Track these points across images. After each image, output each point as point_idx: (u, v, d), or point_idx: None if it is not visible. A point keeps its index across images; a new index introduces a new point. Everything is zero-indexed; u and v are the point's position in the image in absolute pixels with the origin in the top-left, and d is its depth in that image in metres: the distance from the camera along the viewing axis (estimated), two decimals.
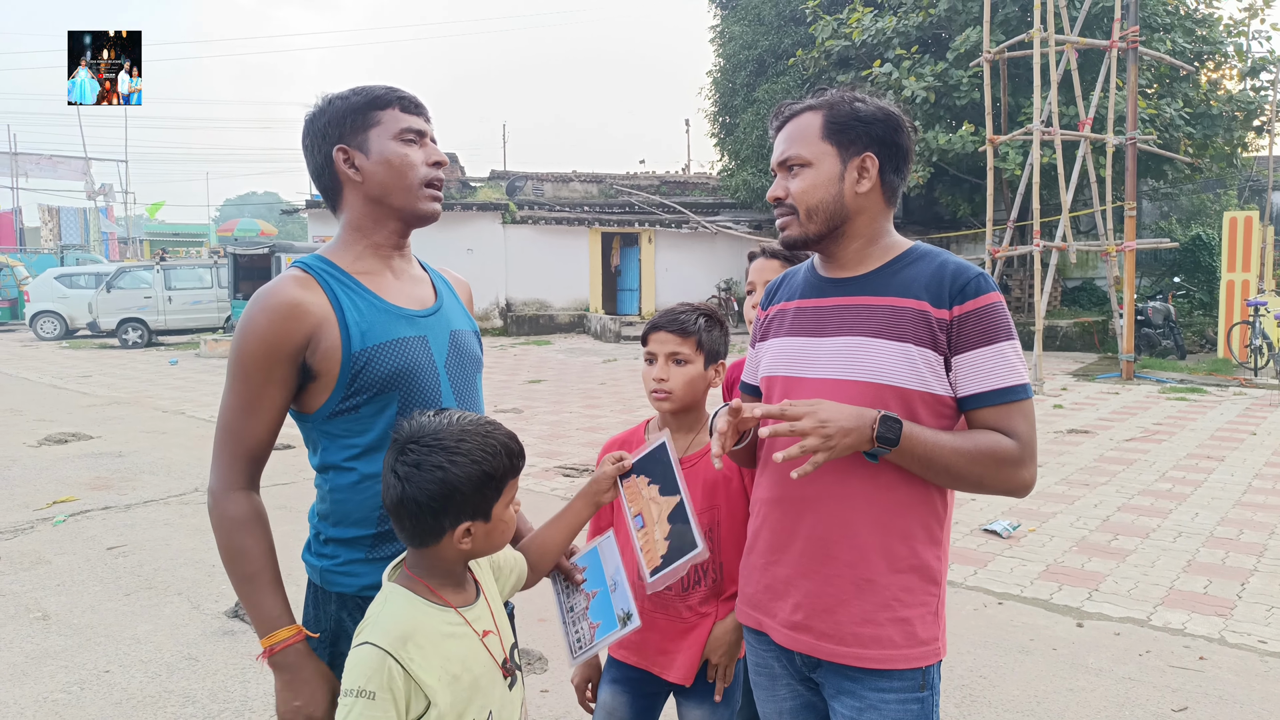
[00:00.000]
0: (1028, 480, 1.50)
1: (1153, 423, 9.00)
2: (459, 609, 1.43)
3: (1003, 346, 1.49)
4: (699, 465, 1.93)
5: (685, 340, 1.93)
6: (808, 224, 1.58)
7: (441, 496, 1.35)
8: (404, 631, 1.35)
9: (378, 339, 1.54)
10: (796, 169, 1.58)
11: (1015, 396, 1.48)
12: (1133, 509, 5.81)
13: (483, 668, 1.44)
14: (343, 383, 1.52)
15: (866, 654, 1.52)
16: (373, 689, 1.30)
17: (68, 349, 18.96)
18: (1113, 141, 13.05)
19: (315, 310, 1.51)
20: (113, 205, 40.34)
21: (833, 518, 1.54)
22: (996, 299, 1.51)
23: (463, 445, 1.37)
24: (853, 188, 1.56)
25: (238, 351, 1.51)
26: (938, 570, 1.56)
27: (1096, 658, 3.62)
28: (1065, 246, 12.78)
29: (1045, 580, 4.52)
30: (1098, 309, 18.26)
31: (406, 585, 1.42)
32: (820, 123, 1.57)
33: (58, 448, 8.13)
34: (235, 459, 1.53)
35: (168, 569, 4.77)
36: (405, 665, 1.32)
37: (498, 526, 1.43)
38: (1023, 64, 14.52)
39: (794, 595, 1.58)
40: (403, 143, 1.59)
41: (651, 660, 1.97)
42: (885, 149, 1.57)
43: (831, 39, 17.12)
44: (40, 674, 3.53)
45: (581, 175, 25.03)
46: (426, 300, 1.68)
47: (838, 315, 1.58)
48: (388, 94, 1.61)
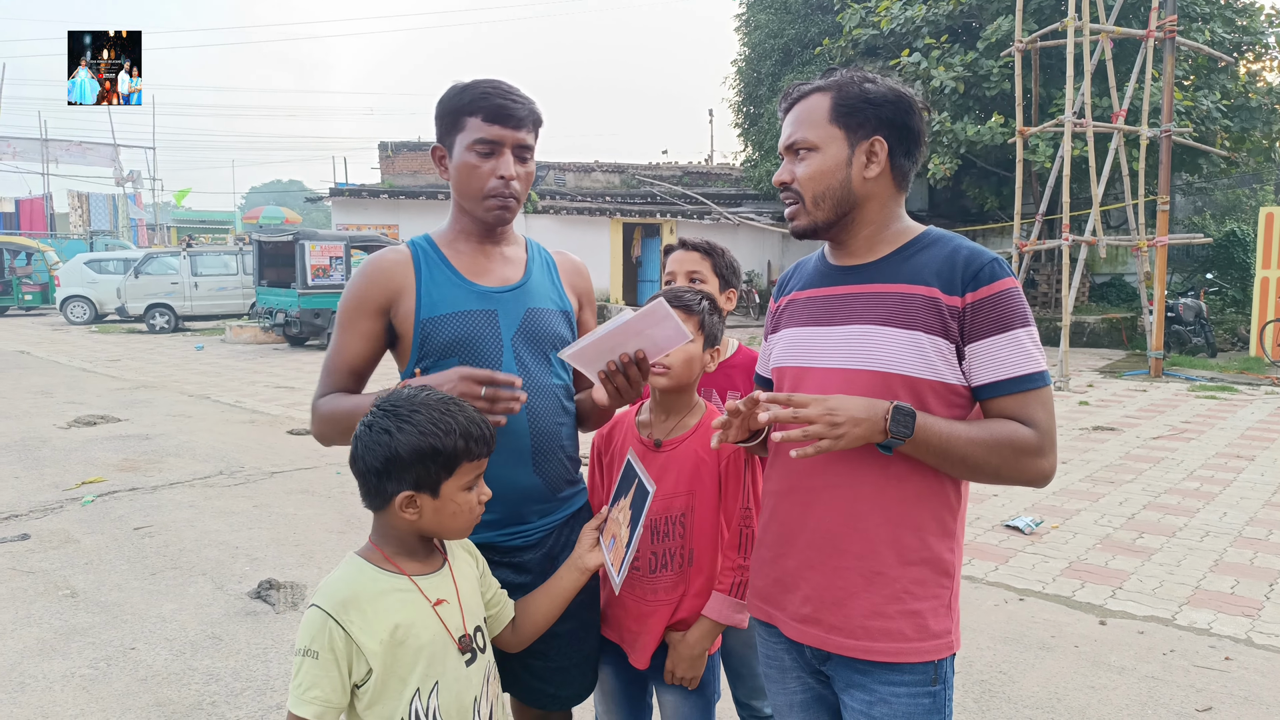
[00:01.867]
0: (1047, 470, 1.46)
1: (1181, 420, 8.88)
2: (413, 576, 1.47)
3: (1018, 333, 1.44)
4: (681, 449, 1.93)
5: (689, 318, 1.94)
6: (815, 211, 1.54)
7: (384, 459, 1.40)
8: (346, 596, 1.41)
9: (444, 310, 1.74)
10: (803, 153, 1.54)
11: (1032, 385, 1.44)
12: (1159, 507, 5.73)
13: (431, 635, 1.45)
14: (415, 345, 1.75)
15: (876, 647, 1.50)
16: (316, 649, 1.37)
17: (97, 333, 19.23)
18: (1147, 134, 12.81)
19: (399, 278, 1.76)
20: (141, 192, 40.77)
21: (841, 509, 1.51)
22: (1011, 285, 1.46)
23: (415, 416, 1.41)
24: (861, 173, 1.52)
25: (340, 305, 1.81)
26: (950, 562, 1.53)
27: (1119, 656, 3.58)
28: (1095, 241, 12.58)
29: (1068, 577, 4.48)
30: (1126, 305, 18.00)
31: (363, 553, 1.49)
32: (828, 105, 1.52)
33: (87, 429, 8.26)
34: (325, 387, 1.80)
35: (193, 549, 4.83)
36: (345, 628, 1.38)
37: (448, 506, 1.44)
38: (1055, 54, 14.31)
39: (803, 588, 1.56)
40: (476, 154, 1.72)
41: (623, 637, 1.99)
42: (895, 132, 1.52)
43: (859, 28, 16.95)
44: (68, 650, 3.59)
45: (604, 165, 25.01)
46: (511, 279, 1.82)
47: (846, 304, 1.55)
48: (474, 102, 1.72)
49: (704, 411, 1.99)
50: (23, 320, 23.04)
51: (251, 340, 17.18)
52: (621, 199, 23.45)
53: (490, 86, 1.73)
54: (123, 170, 39.41)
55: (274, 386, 11.29)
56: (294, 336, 16.21)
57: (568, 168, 24.44)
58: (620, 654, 2.01)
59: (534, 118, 1.77)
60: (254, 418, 9.08)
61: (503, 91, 1.73)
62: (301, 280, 15.48)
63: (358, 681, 1.40)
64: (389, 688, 1.41)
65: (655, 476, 1.93)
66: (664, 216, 22.40)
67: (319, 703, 1.37)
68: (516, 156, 1.75)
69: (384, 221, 21.36)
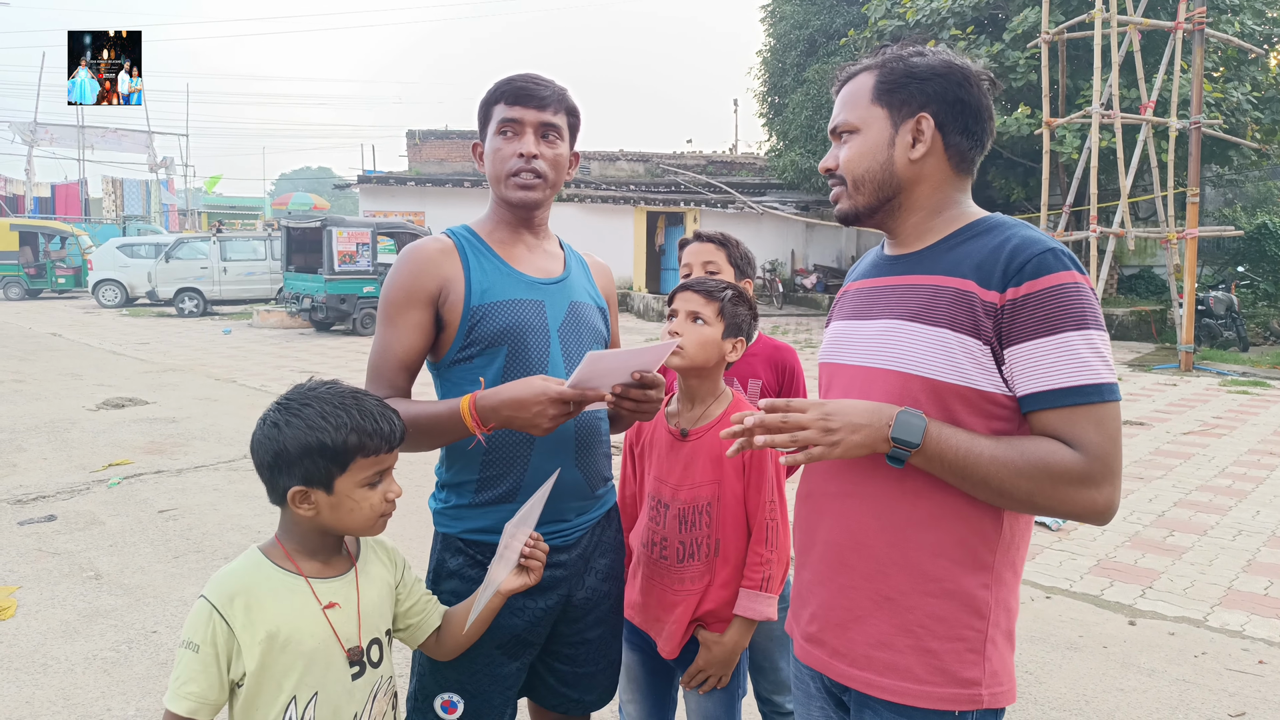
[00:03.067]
0: (1101, 504, 1.23)
1: (1212, 416, 8.71)
2: (309, 577, 1.42)
3: (1070, 336, 1.23)
4: (707, 438, 1.91)
5: (709, 302, 1.91)
6: (855, 195, 1.43)
7: (273, 454, 1.38)
8: (235, 589, 1.36)
9: (495, 297, 1.71)
10: (845, 136, 1.44)
11: (1083, 398, 1.22)
12: (1190, 504, 5.62)
13: (317, 642, 1.38)
14: (461, 333, 1.70)
15: (880, 682, 1.34)
16: (198, 642, 1.33)
17: (127, 316, 19.47)
18: (1176, 125, 12.58)
19: (447, 266, 1.72)
20: (173, 178, 41.24)
21: (848, 521, 1.39)
22: (1067, 279, 1.25)
23: (305, 410, 1.37)
24: (905, 153, 1.38)
25: (382, 299, 1.73)
26: (985, 601, 1.32)
27: (1149, 658, 3.51)
28: (1123, 233, 12.40)
29: (1096, 575, 4.40)
30: (1155, 298, 17.73)
31: (265, 547, 1.45)
32: (871, 83, 1.41)
33: (115, 412, 8.35)
34: (380, 388, 1.71)
35: (215, 533, 4.86)
36: (229, 622, 1.33)
37: (344, 502, 1.38)
38: (1082, 45, 14.08)
39: (811, 604, 1.45)
40: (499, 136, 1.73)
41: (648, 625, 1.98)
42: (946, 107, 1.37)
43: (885, 19, 16.77)
44: (91, 632, 3.62)
45: (628, 154, 24.93)
46: (553, 272, 1.82)
47: (883, 296, 1.43)
48: (499, 88, 1.74)
49: (730, 400, 1.97)
50: (56, 303, 23.38)
51: (278, 325, 17.33)
52: (646, 188, 23.38)
53: (516, 74, 1.76)
54: (156, 156, 39.90)
55: (299, 371, 11.36)
56: (320, 321, 16.34)
57: (593, 156, 24.39)
58: (647, 643, 2.00)
59: (559, 99, 1.75)
60: None
61: (526, 77, 1.75)
62: (328, 266, 15.59)
63: (236, 680, 1.35)
64: (264, 691, 1.35)
65: (682, 466, 1.91)
66: (688, 205, 22.30)
67: (194, 699, 1.31)
68: (541, 136, 1.73)
69: (411, 209, 21.46)
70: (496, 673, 1.71)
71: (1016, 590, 1.39)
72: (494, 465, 1.71)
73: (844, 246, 23.51)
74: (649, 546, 1.97)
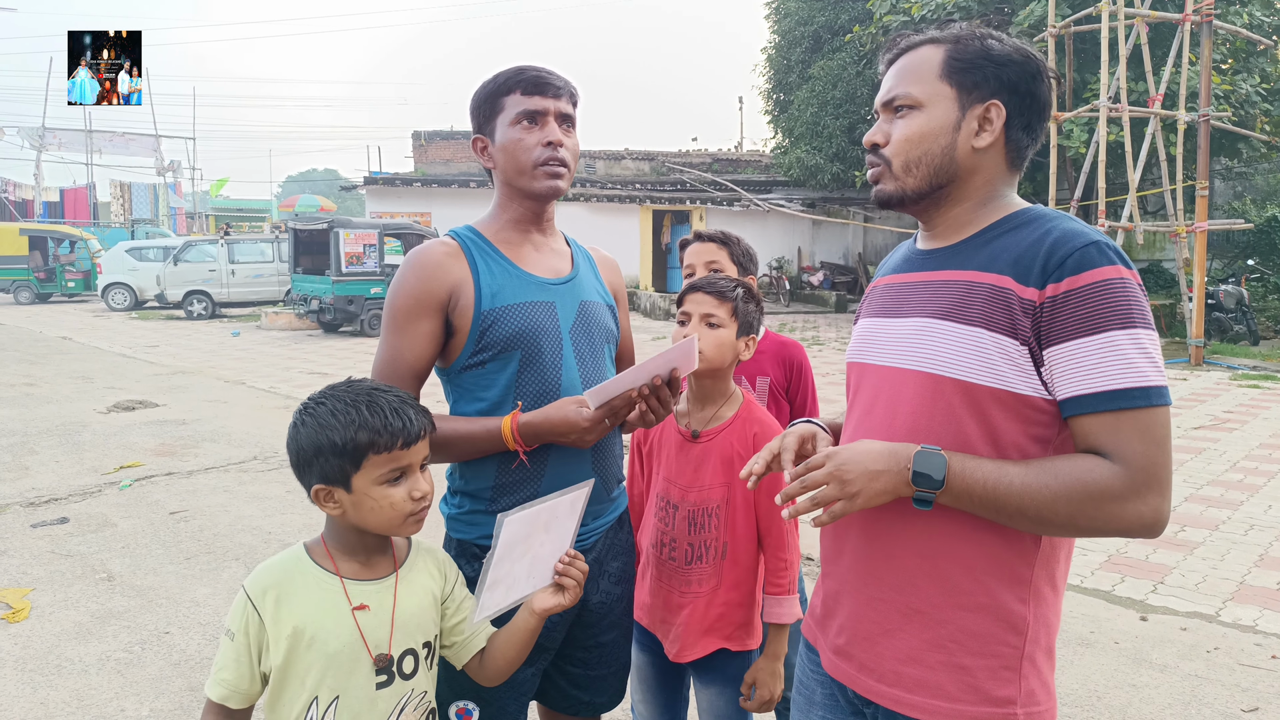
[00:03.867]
0: (1148, 517, 1.14)
1: (1223, 410, 8.67)
2: (345, 577, 1.41)
3: (1115, 335, 1.14)
4: (718, 440, 1.90)
5: (722, 303, 1.91)
6: (905, 177, 1.31)
7: (294, 453, 1.39)
8: (270, 582, 1.38)
9: (506, 301, 1.67)
10: (904, 110, 1.32)
11: (1129, 403, 1.13)
12: (1201, 499, 5.60)
13: (342, 644, 1.36)
14: (472, 338, 1.66)
15: (909, 699, 1.28)
16: (235, 630, 1.36)
17: (137, 319, 19.56)
18: (1184, 119, 12.51)
19: (456, 271, 1.67)
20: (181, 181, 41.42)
21: (877, 532, 1.32)
22: (1113, 274, 1.16)
23: (319, 408, 1.37)
24: (969, 140, 1.29)
25: (389, 306, 1.68)
26: (1021, 616, 1.24)
27: (1161, 653, 3.50)
28: (1132, 227, 12.33)
29: (1107, 570, 4.38)
30: (1165, 292, 17.62)
31: (309, 542, 1.46)
32: (941, 58, 1.30)
33: (125, 414, 8.39)
34: None
35: (226, 534, 4.88)
36: (261, 614, 1.35)
37: (364, 501, 1.37)
38: (1089, 39, 14.01)
39: (840, 615, 1.39)
40: (520, 127, 1.68)
41: (655, 626, 1.98)
42: (1017, 99, 1.29)
43: (889, 14, 16.71)
44: (104, 633, 3.64)
45: (634, 153, 24.91)
46: (562, 271, 1.79)
47: (915, 292, 1.34)
48: (510, 78, 1.71)
49: (741, 402, 1.96)
50: (66, 307, 23.50)
51: (286, 326, 17.38)
52: (651, 186, 23.37)
53: (523, 65, 1.73)
54: (163, 160, 40.11)
55: (307, 372, 11.40)
56: (328, 323, 16.39)
57: (598, 155, 24.38)
58: (656, 643, 2.00)
59: (570, 91, 1.74)
60: (288, 403, 9.18)
61: (537, 67, 1.73)
62: (336, 267, 15.64)
63: (266, 672, 1.37)
64: (288, 687, 1.36)
65: (693, 467, 1.91)
66: (694, 203, 22.29)
67: (226, 685, 1.34)
68: (560, 125, 1.72)
69: (417, 210, 21.50)
70: (512, 679, 1.70)
71: (1058, 606, 1.31)
72: (510, 472, 1.69)
73: (850, 244, 23.45)
74: (658, 547, 1.97)
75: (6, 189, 37.17)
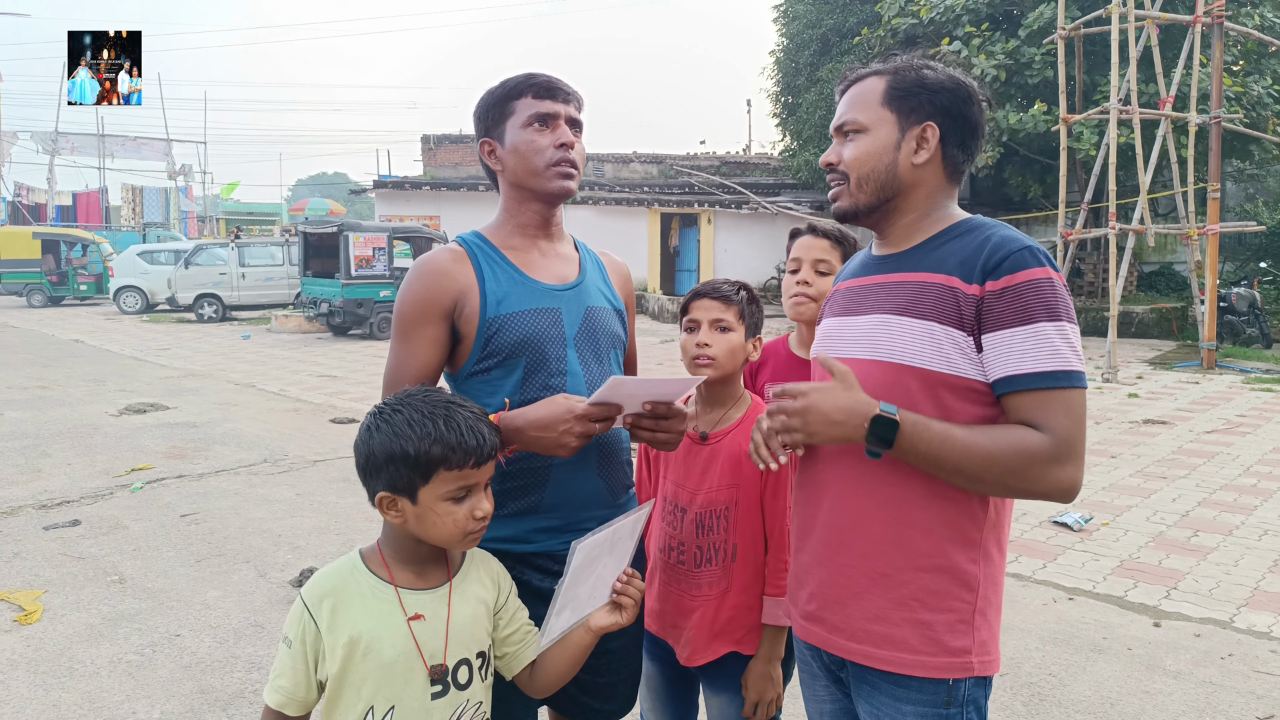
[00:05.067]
0: (1065, 481, 1.32)
1: (1236, 414, 8.61)
2: (400, 586, 1.40)
3: (1043, 326, 1.31)
4: (726, 442, 1.90)
5: (729, 308, 1.91)
6: (857, 193, 1.50)
7: (363, 457, 1.38)
8: (327, 590, 1.38)
9: (511, 308, 1.68)
10: (852, 135, 1.50)
11: (1052, 383, 1.31)
12: (1214, 504, 5.56)
13: (397, 653, 1.36)
14: (478, 345, 1.67)
15: (878, 654, 1.42)
16: (292, 638, 1.36)
17: (148, 322, 19.67)
18: (1196, 120, 12.43)
19: (462, 278, 1.68)
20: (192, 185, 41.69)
21: (847, 505, 1.46)
22: (1041, 274, 1.34)
23: (395, 417, 1.36)
24: (909, 158, 1.47)
25: (396, 313, 1.69)
26: (973, 574, 1.41)
27: (1175, 660, 3.47)
28: (1143, 229, 12.26)
29: (1119, 576, 4.35)
30: (1176, 295, 17.54)
31: (364, 550, 1.45)
32: (883, 88, 1.49)
33: (137, 417, 8.43)
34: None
35: (236, 537, 4.90)
36: (318, 622, 1.35)
37: (428, 515, 1.36)
38: (1099, 40, 13.96)
39: (810, 584, 1.53)
40: (532, 129, 1.70)
41: (665, 632, 1.97)
42: (950, 120, 1.47)
43: (898, 17, 16.69)
44: (115, 635, 3.66)
45: (641, 156, 24.93)
46: (568, 277, 1.78)
47: (871, 293, 1.51)
48: (521, 83, 1.72)
49: (749, 404, 1.96)
50: (78, 310, 23.65)
51: (296, 329, 17.45)
52: (659, 189, 23.38)
53: (533, 71, 1.75)
54: (175, 164, 40.38)
55: (317, 375, 11.44)
56: (337, 326, 16.44)
57: (606, 158, 24.41)
58: (666, 650, 1.99)
59: (578, 98, 1.77)
60: (298, 406, 9.21)
61: (545, 74, 1.75)
62: (345, 271, 15.70)
63: (323, 681, 1.37)
64: (344, 696, 1.36)
65: (700, 469, 1.91)
66: (702, 206, 22.28)
67: (283, 693, 1.35)
68: (571, 129, 1.73)
69: (426, 213, 21.56)
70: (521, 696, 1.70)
71: (1003, 567, 1.48)
72: (515, 477, 1.69)
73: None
74: (666, 551, 1.96)
75: (20, 193, 37.46)
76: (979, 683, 1.43)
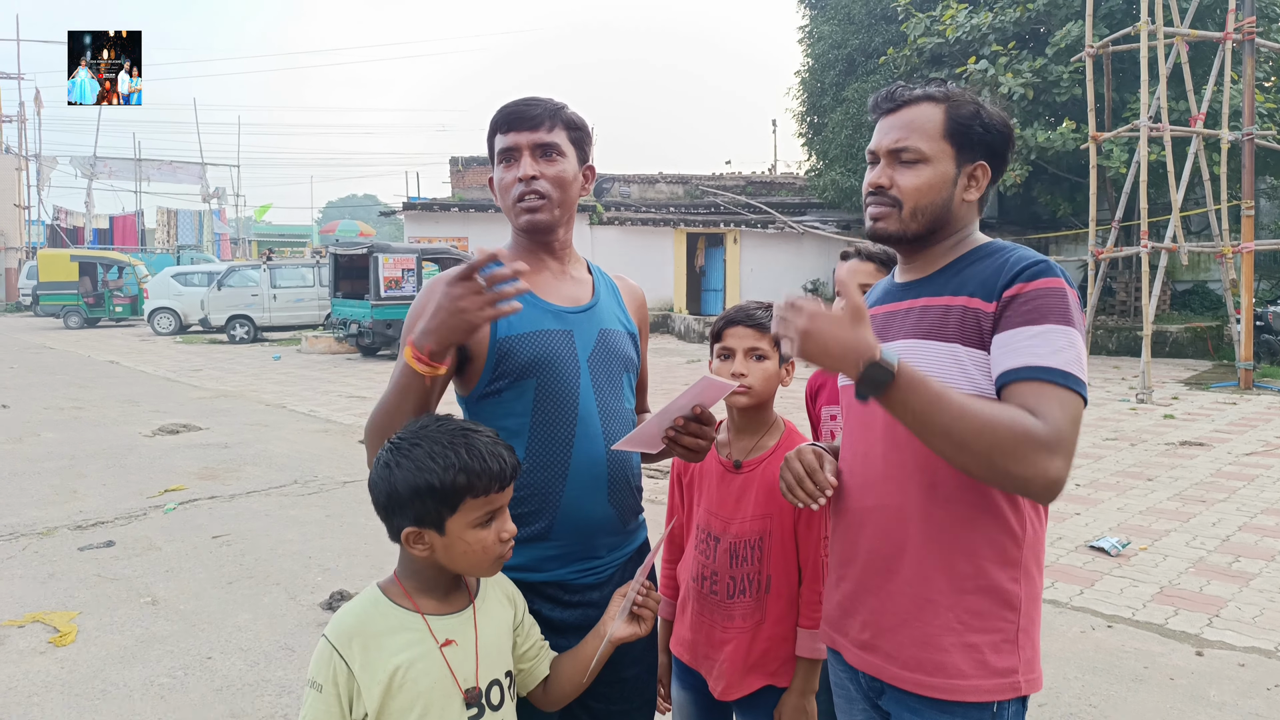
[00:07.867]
0: (1052, 473, 1.27)
1: (1275, 435, 8.42)
2: (427, 614, 1.39)
3: (1053, 328, 1.32)
4: (760, 470, 1.88)
5: (763, 336, 1.88)
6: (910, 222, 1.49)
7: (385, 495, 1.36)
8: (353, 628, 1.36)
9: (522, 329, 1.67)
10: (912, 163, 1.48)
11: (1051, 378, 1.30)
12: (1256, 529, 5.43)
13: (433, 681, 1.36)
14: (489, 367, 1.66)
15: (929, 682, 1.42)
16: (321, 681, 1.33)
17: (181, 343, 19.98)
18: (1228, 137, 12.27)
19: None
20: (225, 208, 42.45)
21: (889, 532, 1.47)
22: (1055, 285, 1.35)
23: (415, 450, 1.34)
24: (962, 194, 1.49)
25: (406, 328, 1.66)
26: (1014, 594, 1.42)
27: (1219, 690, 3.38)
28: (1176, 248, 12.09)
29: (1159, 603, 4.26)
30: (1211, 314, 17.24)
31: (383, 584, 1.43)
32: (942, 118, 1.48)
33: (170, 438, 8.55)
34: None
35: (267, 559, 4.93)
36: (348, 662, 1.33)
37: (457, 545, 1.35)
38: (1127, 58, 13.85)
39: (861, 613, 1.52)
40: (501, 166, 1.72)
41: (698, 662, 1.94)
42: (996, 160, 1.51)
43: (924, 36, 16.65)
44: (148, 657, 3.69)
45: (668, 176, 25.04)
46: (581, 299, 1.78)
47: (899, 319, 1.53)
48: (493, 121, 1.73)
49: (783, 431, 1.94)
50: (113, 331, 24.09)
51: (326, 350, 17.64)
52: (685, 209, 23.44)
53: (505, 102, 1.73)
54: (209, 187, 41.16)
55: (347, 396, 11.54)
56: (366, 347, 16.61)
57: (632, 179, 24.54)
58: (699, 680, 1.97)
59: (553, 115, 1.71)
60: (327, 427, 9.29)
61: (515, 101, 1.72)
62: (375, 292, 15.88)
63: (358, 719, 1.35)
64: None
65: (734, 498, 1.89)
66: (728, 226, 22.29)
67: None
68: (540, 156, 1.69)
69: (454, 234, 21.77)
70: (535, 713, 1.67)
71: (1041, 585, 1.48)
72: (526, 503, 1.67)
73: None
74: (699, 580, 1.94)
75: (59, 216, 38.33)
76: (1021, 702, 1.44)
